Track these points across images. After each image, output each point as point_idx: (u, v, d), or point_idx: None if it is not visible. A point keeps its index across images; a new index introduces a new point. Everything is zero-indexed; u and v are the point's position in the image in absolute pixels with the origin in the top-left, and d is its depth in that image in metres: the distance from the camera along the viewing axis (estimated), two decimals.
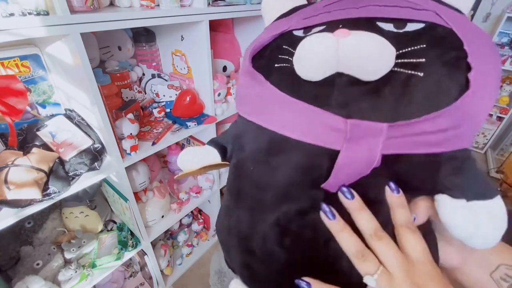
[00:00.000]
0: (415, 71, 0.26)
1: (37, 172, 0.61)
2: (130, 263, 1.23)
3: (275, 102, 0.31)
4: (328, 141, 0.29)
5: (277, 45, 0.34)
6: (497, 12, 2.20)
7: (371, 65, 0.26)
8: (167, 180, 1.19)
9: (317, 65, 0.28)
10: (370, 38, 0.27)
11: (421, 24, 0.28)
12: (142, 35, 1.02)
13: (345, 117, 0.27)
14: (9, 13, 0.50)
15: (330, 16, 0.31)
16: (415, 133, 0.26)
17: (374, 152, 0.27)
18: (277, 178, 0.33)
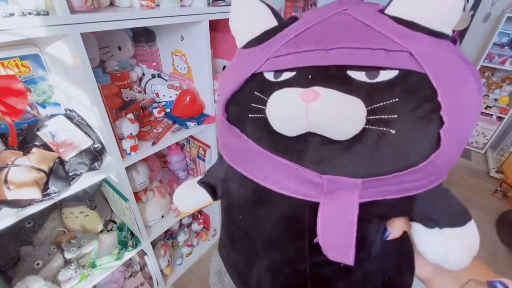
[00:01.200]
0: (387, 128, 0.25)
1: (37, 172, 0.61)
2: (130, 263, 1.23)
3: (254, 155, 0.31)
4: (308, 194, 0.29)
5: (249, 91, 0.33)
6: (497, 12, 2.20)
7: (341, 129, 0.26)
8: (167, 180, 1.19)
9: (288, 126, 0.28)
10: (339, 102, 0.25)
11: (395, 72, 0.26)
12: (142, 35, 1.02)
13: (320, 172, 0.28)
14: (9, 13, 0.50)
15: (300, 59, 0.29)
16: (388, 184, 0.27)
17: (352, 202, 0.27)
18: (264, 228, 0.35)
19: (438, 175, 0.27)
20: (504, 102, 2.24)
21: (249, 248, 0.38)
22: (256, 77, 0.32)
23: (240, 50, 0.38)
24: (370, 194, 0.27)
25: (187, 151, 1.25)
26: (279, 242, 0.34)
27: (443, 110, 0.24)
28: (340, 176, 0.27)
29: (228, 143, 0.35)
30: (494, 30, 2.10)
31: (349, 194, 0.27)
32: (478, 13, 2.27)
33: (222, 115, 0.34)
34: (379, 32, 0.27)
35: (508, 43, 2.15)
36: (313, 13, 0.33)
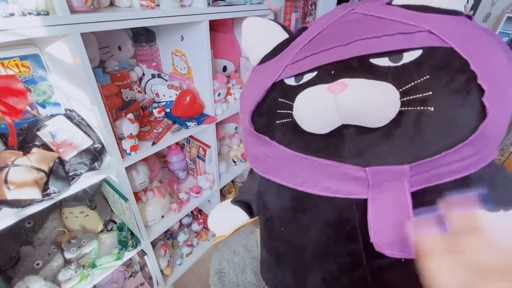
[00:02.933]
0: (424, 106, 0.24)
1: (37, 172, 0.61)
2: (130, 263, 1.23)
3: (288, 160, 0.30)
4: (352, 192, 0.27)
5: (273, 99, 0.32)
6: (497, 12, 2.20)
7: (376, 115, 0.25)
8: (167, 180, 1.19)
9: (320, 123, 0.27)
10: (368, 88, 0.25)
11: (419, 52, 0.25)
12: (142, 35, 1.02)
13: (362, 165, 0.26)
14: (9, 13, 0.50)
15: (318, 59, 0.29)
16: (438, 166, 0.25)
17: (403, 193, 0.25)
18: (310, 236, 0.32)
19: (490, 149, 0.25)
20: None
21: (298, 262, 0.35)
22: (277, 85, 0.32)
23: (255, 67, 0.38)
24: (421, 181, 0.25)
25: (187, 151, 1.25)
26: (329, 249, 0.31)
27: (480, 78, 0.23)
28: (384, 166, 0.25)
29: (258, 154, 0.34)
30: (494, 30, 2.09)
31: (397, 184, 0.25)
32: (478, 13, 2.27)
33: (250, 126, 0.34)
34: (392, 20, 0.26)
35: (508, 43, 2.15)
36: (321, 20, 0.33)
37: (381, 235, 0.27)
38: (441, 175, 0.25)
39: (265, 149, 0.32)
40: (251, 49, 0.38)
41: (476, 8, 2.27)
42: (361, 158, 0.26)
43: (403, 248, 0.26)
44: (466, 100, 0.24)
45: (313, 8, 1.62)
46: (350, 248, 0.30)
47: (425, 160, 0.24)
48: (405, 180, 0.25)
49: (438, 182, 0.26)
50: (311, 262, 0.33)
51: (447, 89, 0.24)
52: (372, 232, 0.27)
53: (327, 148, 0.28)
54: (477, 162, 0.25)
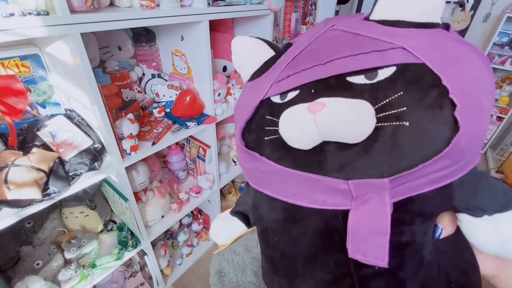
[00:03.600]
0: (399, 121, 0.25)
1: (37, 172, 0.61)
2: (130, 263, 1.23)
3: (277, 174, 0.32)
4: (337, 203, 0.28)
5: (261, 116, 0.34)
6: (497, 12, 2.20)
7: (353, 132, 0.26)
8: (167, 180, 1.19)
9: (301, 140, 0.29)
10: (344, 107, 0.26)
11: (392, 68, 0.26)
12: (142, 35, 1.02)
13: (344, 179, 0.27)
14: (9, 13, 0.50)
15: (300, 78, 0.30)
16: (417, 177, 0.26)
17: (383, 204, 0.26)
18: (300, 247, 0.34)
19: (468, 158, 0.26)
20: (504, 102, 2.24)
21: (291, 271, 0.37)
22: (264, 103, 0.34)
23: (246, 83, 0.40)
24: (402, 192, 0.27)
25: (187, 151, 1.25)
26: (319, 258, 0.33)
27: (452, 92, 0.24)
28: (365, 179, 0.26)
29: (250, 168, 0.35)
30: (494, 30, 2.10)
31: (378, 196, 0.26)
32: (478, 13, 2.27)
33: (240, 143, 0.35)
34: (368, 37, 0.28)
35: (508, 43, 2.15)
36: (304, 36, 0.34)
37: (357, 243, 0.28)
38: (422, 185, 0.26)
39: (256, 164, 0.34)
40: (240, 67, 0.41)
41: (476, 8, 2.27)
42: (343, 172, 0.27)
43: (377, 256, 0.27)
44: (439, 114, 0.25)
45: (313, 8, 1.62)
46: (337, 258, 0.31)
47: (403, 173, 0.25)
48: (386, 193, 0.26)
49: (419, 191, 0.27)
50: (303, 271, 0.35)
51: (421, 104, 0.25)
52: (349, 239, 0.28)
53: (311, 163, 0.29)
54: (456, 171, 0.26)
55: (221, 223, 0.48)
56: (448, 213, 0.32)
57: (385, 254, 0.27)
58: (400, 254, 0.29)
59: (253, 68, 0.38)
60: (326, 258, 0.32)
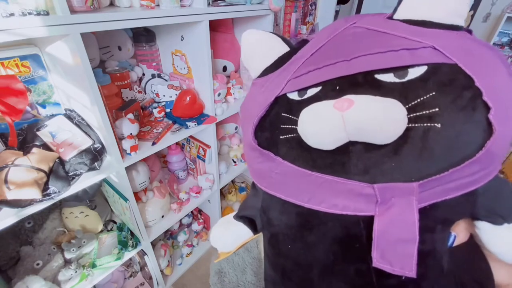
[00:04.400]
0: (431, 123, 0.24)
1: (37, 172, 0.61)
2: (130, 263, 1.23)
3: (293, 176, 0.30)
4: (360, 209, 0.27)
5: (276, 113, 0.32)
6: (497, 12, 2.20)
7: (383, 132, 0.24)
8: (167, 180, 1.19)
9: (326, 139, 0.27)
10: (376, 105, 0.24)
11: (423, 68, 0.25)
12: (142, 35, 1.02)
13: (369, 182, 0.25)
14: (9, 13, 0.50)
15: (323, 74, 0.28)
16: (445, 182, 0.25)
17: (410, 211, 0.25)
18: (318, 255, 0.31)
19: (495, 164, 0.25)
20: None
21: (305, 281, 0.34)
22: (279, 100, 0.32)
23: (256, 80, 0.37)
24: (428, 197, 0.25)
25: (187, 151, 1.25)
26: (337, 268, 0.31)
27: (485, 94, 0.23)
28: (392, 183, 0.25)
29: (261, 169, 0.33)
30: (494, 30, 2.10)
31: (406, 201, 0.25)
32: (478, 13, 2.27)
33: (253, 141, 0.33)
34: (395, 35, 0.26)
35: (508, 43, 2.15)
36: (323, 33, 0.32)
37: (383, 251, 0.26)
38: (448, 191, 0.25)
39: (269, 164, 0.32)
40: (251, 61, 0.38)
41: (476, 8, 2.27)
42: (368, 175, 0.26)
43: (404, 266, 0.26)
44: (472, 117, 0.24)
45: (313, 8, 1.62)
46: (358, 267, 0.29)
47: (433, 177, 0.24)
48: (414, 198, 0.25)
49: (445, 197, 0.26)
50: (319, 281, 0.33)
51: (454, 105, 0.24)
52: (375, 247, 0.26)
53: (333, 164, 0.27)
54: (483, 178, 0.25)
55: (223, 229, 0.44)
56: (461, 220, 0.31)
57: (413, 263, 0.25)
58: (423, 264, 0.27)
59: (264, 64, 0.36)
60: (346, 267, 0.30)
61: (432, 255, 0.28)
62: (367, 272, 0.29)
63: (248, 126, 0.34)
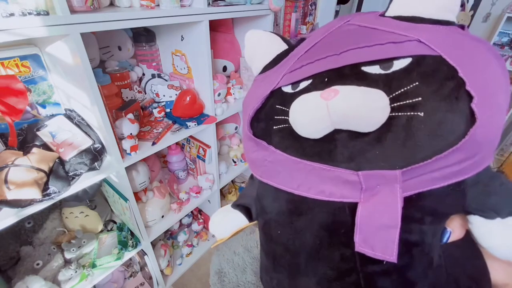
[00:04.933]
0: (414, 111, 0.25)
1: (37, 172, 0.61)
2: (130, 263, 1.23)
3: (284, 164, 0.31)
4: (345, 195, 0.28)
5: (271, 106, 0.34)
6: (497, 12, 2.20)
7: (366, 120, 0.26)
8: (167, 180, 1.19)
9: (312, 128, 0.28)
10: (359, 94, 0.25)
11: (408, 60, 0.26)
12: (142, 35, 1.02)
13: (354, 169, 0.26)
14: (9, 13, 0.50)
15: (314, 67, 0.30)
16: (430, 171, 0.25)
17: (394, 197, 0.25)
18: (305, 240, 0.33)
19: (484, 155, 0.26)
20: None
21: (293, 266, 0.35)
22: (275, 93, 0.34)
23: (257, 77, 0.39)
24: (414, 186, 0.26)
25: (187, 151, 1.25)
26: (323, 253, 0.32)
27: (468, 84, 0.24)
28: (376, 170, 0.25)
29: (256, 158, 0.35)
30: (494, 30, 2.09)
31: (389, 189, 0.25)
32: (478, 13, 2.27)
33: (248, 131, 0.35)
34: (385, 31, 0.28)
35: (508, 43, 2.15)
36: (318, 31, 0.34)
37: (365, 236, 0.27)
38: (435, 180, 0.26)
39: (262, 153, 0.33)
40: (253, 60, 0.40)
41: (476, 8, 2.27)
42: (353, 162, 0.27)
43: (385, 250, 0.26)
44: (455, 105, 0.24)
45: (313, 8, 1.62)
46: (343, 252, 0.30)
47: (416, 165, 0.25)
48: (397, 185, 0.25)
49: (431, 187, 0.26)
50: (306, 266, 0.34)
51: (436, 95, 0.25)
52: (357, 232, 0.27)
53: (321, 152, 0.29)
54: (471, 168, 0.26)
55: (221, 216, 0.47)
56: (457, 216, 0.31)
57: (394, 248, 0.26)
58: (409, 253, 0.28)
59: (265, 62, 0.38)
60: (331, 252, 0.31)
61: (420, 246, 0.29)
62: (351, 258, 0.30)
63: (246, 117, 0.36)
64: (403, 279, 0.29)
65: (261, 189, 0.39)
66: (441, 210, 0.29)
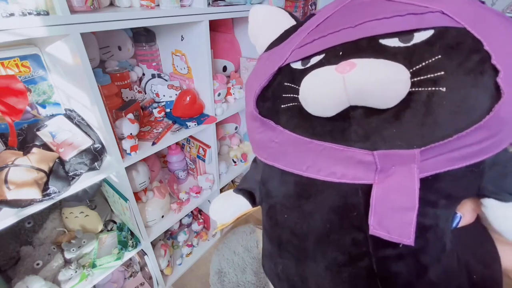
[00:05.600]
0: (436, 87, 0.23)
1: (37, 172, 0.61)
2: (130, 263, 1.23)
3: (292, 145, 0.29)
4: (358, 177, 0.26)
5: (278, 83, 0.31)
6: None
7: (385, 95, 0.24)
8: (167, 180, 1.19)
9: (326, 104, 0.26)
10: (378, 67, 0.24)
11: (430, 32, 0.24)
12: (142, 35, 1.02)
13: (369, 149, 0.25)
14: (9, 13, 0.50)
15: (326, 41, 0.28)
16: (449, 150, 0.24)
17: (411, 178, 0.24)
18: (314, 224, 0.31)
19: (505, 134, 0.24)
20: None
21: (300, 251, 0.34)
22: (283, 70, 0.31)
23: (262, 55, 0.37)
24: (431, 167, 0.24)
25: (187, 151, 1.25)
26: (333, 237, 0.30)
27: (494, 58, 0.22)
28: (393, 150, 0.24)
29: (261, 139, 0.33)
30: None
31: (406, 169, 0.24)
32: None
33: (254, 110, 0.33)
34: (403, 2, 0.26)
35: None
36: (329, 6, 0.32)
37: (380, 218, 0.26)
38: (453, 161, 0.24)
39: (269, 134, 0.31)
40: (258, 36, 0.38)
41: None
42: (368, 142, 0.25)
43: (402, 233, 0.25)
44: (479, 80, 0.23)
45: (313, 8, 1.62)
46: (355, 236, 0.29)
47: (436, 143, 0.23)
48: (415, 166, 0.24)
49: (449, 168, 0.24)
50: (314, 250, 0.32)
51: (460, 69, 0.23)
52: (372, 214, 0.26)
53: (333, 131, 0.27)
54: (490, 148, 0.24)
55: (222, 201, 0.45)
56: (468, 200, 0.30)
57: (411, 231, 0.24)
58: (423, 237, 0.27)
59: (271, 38, 0.36)
60: (342, 236, 0.29)
61: (434, 231, 0.28)
62: (363, 242, 0.28)
63: (251, 96, 0.33)
64: (417, 263, 0.28)
65: (266, 172, 0.37)
66: (455, 193, 0.28)
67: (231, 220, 0.44)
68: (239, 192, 0.43)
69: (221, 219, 0.44)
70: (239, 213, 0.43)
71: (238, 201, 0.43)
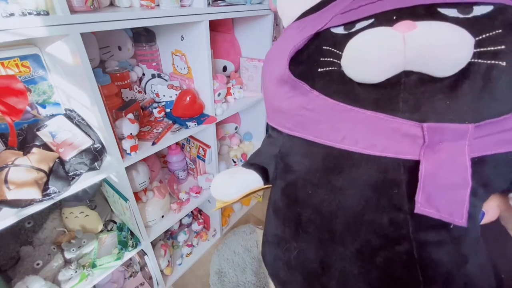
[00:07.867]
0: (496, 60, 0.22)
1: (37, 172, 0.61)
2: (130, 263, 1.23)
3: (328, 112, 0.27)
4: (401, 151, 0.24)
5: (316, 47, 0.29)
6: None
7: (449, 58, 0.22)
8: (167, 180, 1.19)
9: (380, 67, 0.24)
10: (443, 28, 0.22)
11: (489, 7, 0.23)
12: (142, 35, 1.02)
13: (418, 121, 0.23)
14: (9, 13, 0.50)
15: (377, 7, 0.25)
16: (502, 130, 0.22)
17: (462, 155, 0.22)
18: (345, 202, 0.28)
19: None
20: None
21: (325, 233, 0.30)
22: (321, 34, 0.29)
23: (291, 24, 0.34)
24: (478, 147, 0.22)
25: (187, 151, 1.25)
26: (368, 216, 0.27)
27: None
28: (445, 123, 0.22)
29: (289, 106, 0.30)
30: None
31: (456, 146, 0.22)
32: None
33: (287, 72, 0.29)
34: None
35: None
36: None
37: (429, 196, 0.23)
38: (502, 143, 0.22)
39: (300, 99, 0.28)
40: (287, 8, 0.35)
41: None
42: (418, 113, 0.23)
43: (454, 212, 0.23)
44: None
45: None
46: (393, 216, 0.26)
47: (490, 120, 0.21)
48: (466, 143, 0.22)
49: (497, 151, 0.23)
50: (344, 232, 0.29)
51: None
52: (420, 190, 0.23)
53: (379, 99, 0.24)
54: None
55: (229, 177, 0.39)
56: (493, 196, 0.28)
57: (464, 210, 0.23)
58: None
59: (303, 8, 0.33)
60: (378, 216, 0.26)
61: (473, 220, 0.26)
62: (403, 223, 0.26)
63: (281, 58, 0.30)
64: (458, 252, 0.26)
65: (287, 145, 0.33)
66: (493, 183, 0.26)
67: (236, 198, 0.38)
68: (250, 167, 0.38)
69: (224, 196, 0.39)
70: (246, 190, 0.38)
71: (248, 177, 0.38)
